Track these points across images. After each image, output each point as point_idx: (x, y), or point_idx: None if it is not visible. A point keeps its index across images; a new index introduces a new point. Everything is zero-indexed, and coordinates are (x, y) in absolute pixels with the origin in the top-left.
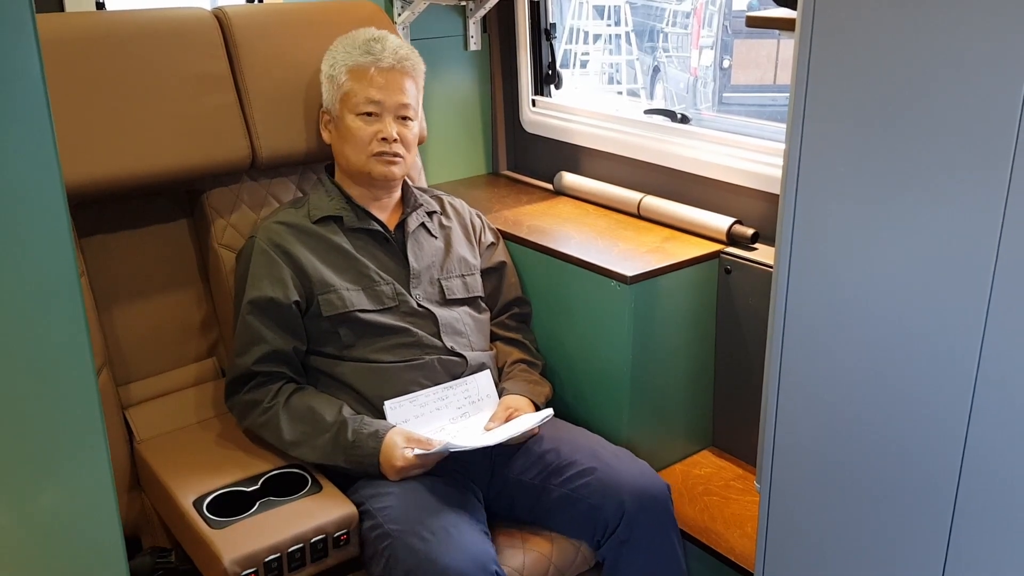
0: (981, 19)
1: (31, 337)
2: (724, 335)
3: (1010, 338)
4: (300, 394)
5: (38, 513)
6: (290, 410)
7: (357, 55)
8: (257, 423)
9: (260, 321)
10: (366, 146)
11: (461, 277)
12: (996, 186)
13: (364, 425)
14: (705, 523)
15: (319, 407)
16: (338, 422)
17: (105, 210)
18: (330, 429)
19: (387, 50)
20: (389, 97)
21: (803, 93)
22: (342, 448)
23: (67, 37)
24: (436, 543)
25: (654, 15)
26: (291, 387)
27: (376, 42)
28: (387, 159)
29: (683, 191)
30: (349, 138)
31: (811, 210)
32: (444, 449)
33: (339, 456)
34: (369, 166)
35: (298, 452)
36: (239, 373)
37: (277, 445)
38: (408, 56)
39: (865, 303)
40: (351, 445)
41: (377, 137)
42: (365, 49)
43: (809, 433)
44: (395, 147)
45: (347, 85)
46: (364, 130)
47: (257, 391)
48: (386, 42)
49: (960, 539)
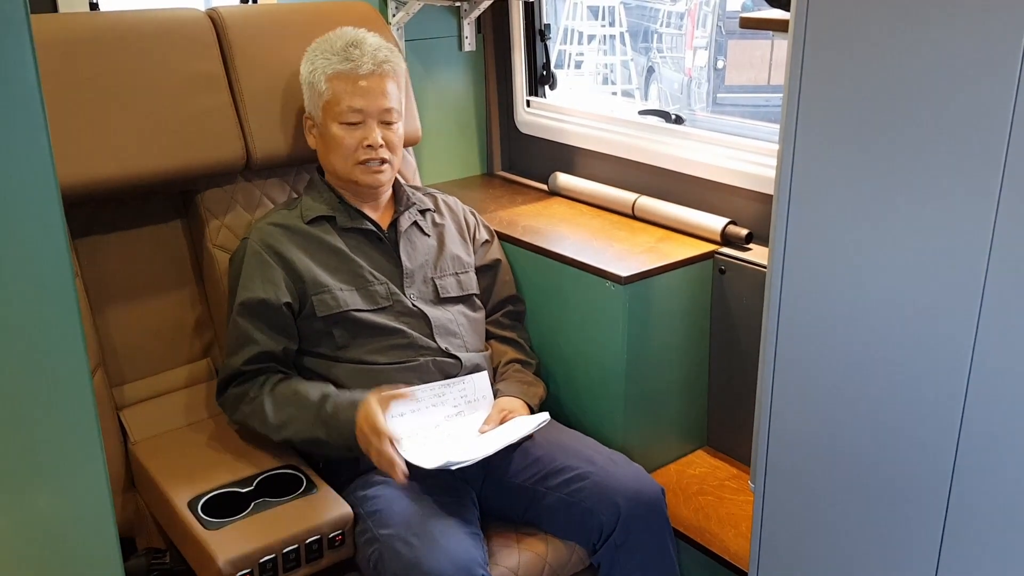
0: (973, 21)
1: (25, 338)
2: (718, 335)
3: (1003, 337)
4: (286, 381)
5: (33, 515)
6: (275, 395)
7: (336, 62)
8: (244, 413)
9: (250, 322)
10: (352, 154)
11: (455, 275)
12: (988, 186)
13: (344, 396)
14: (700, 523)
15: (303, 389)
16: (321, 397)
17: (99, 211)
18: (313, 407)
19: (366, 55)
20: (372, 103)
21: (796, 94)
22: (322, 421)
23: (61, 38)
24: (422, 548)
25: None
26: (277, 376)
27: (355, 47)
28: (374, 168)
29: (677, 191)
30: (334, 147)
31: (805, 210)
32: (445, 466)
33: (320, 430)
34: (355, 175)
35: (283, 434)
36: (229, 373)
37: (264, 431)
38: (388, 58)
39: (858, 303)
40: (330, 417)
41: (362, 144)
42: (344, 56)
43: (803, 433)
44: (381, 152)
45: (328, 94)
46: (348, 138)
47: (244, 384)
48: (364, 46)
49: (953, 538)
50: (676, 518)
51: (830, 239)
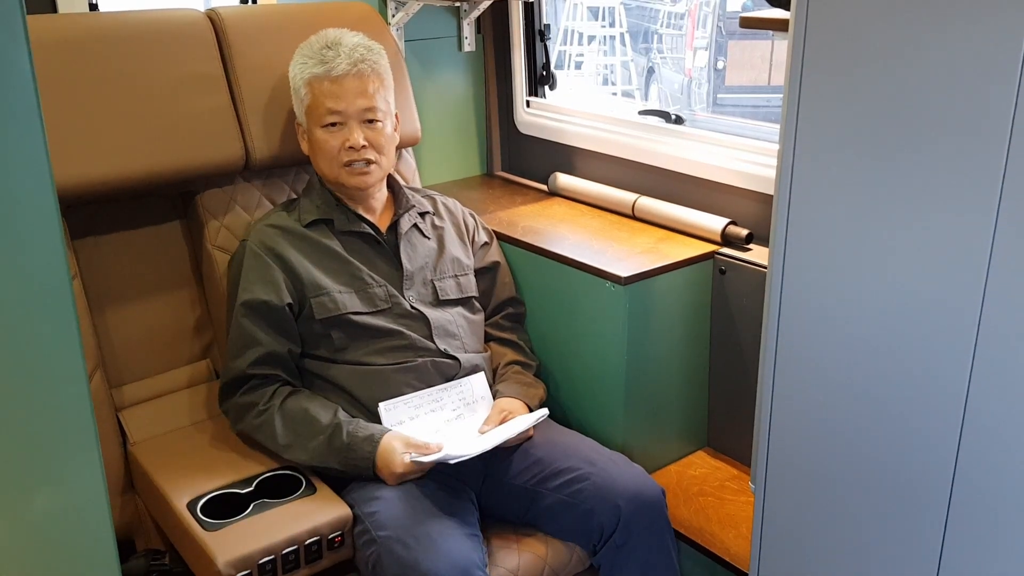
0: (974, 20)
1: (22, 340)
2: (719, 335)
3: (1003, 337)
4: (295, 397)
5: (31, 516)
6: (284, 413)
7: (311, 65)
8: (252, 425)
9: (254, 323)
10: (336, 156)
11: (454, 277)
12: (989, 187)
13: (359, 428)
14: (700, 524)
15: (313, 410)
16: (332, 425)
17: (98, 212)
18: (324, 432)
19: (340, 56)
20: (350, 104)
21: (797, 94)
22: (336, 451)
23: (61, 38)
24: (420, 550)
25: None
26: (286, 390)
27: (329, 49)
28: (359, 170)
29: (678, 192)
30: (318, 151)
31: (805, 210)
32: (443, 459)
33: (333, 459)
34: (341, 177)
35: (291, 455)
36: (234, 376)
37: (271, 448)
38: (364, 57)
39: (859, 303)
40: (345, 447)
41: (344, 146)
42: (319, 59)
43: (803, 433)
44: (364, 153)
45: (308, 98)
46: (330, 141)
47: (252, 394)
48: (340, 47)
49: (955, 538)
50: (676, 519)
51: (830, 239)
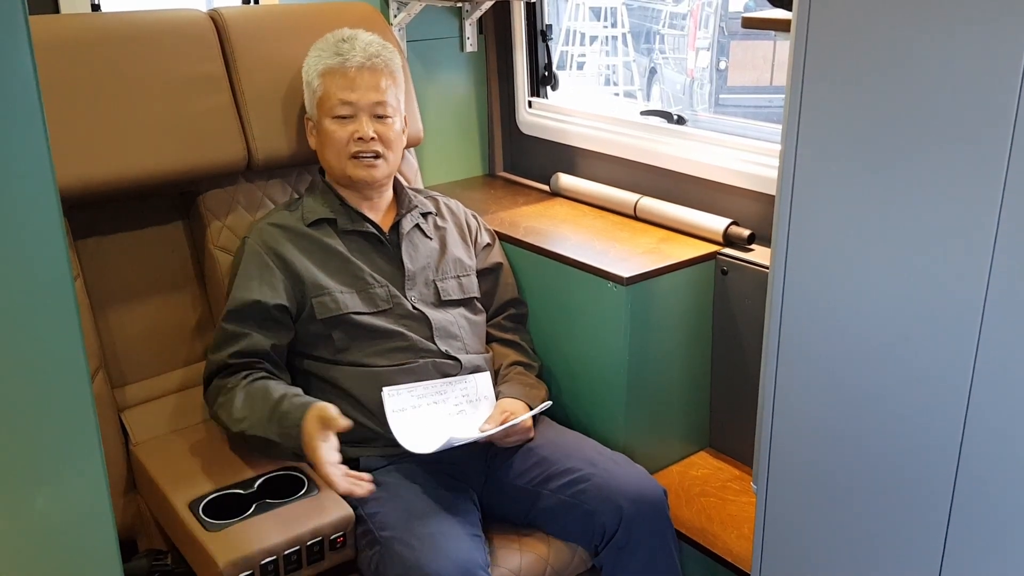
0: (976, 19)
1: (25, 340)
2: (720, 336)
3: (1006, 339)
4: (266, 380)
5: (33, 517)
6: (248, 390)
7: (326, 58)
8: (218, 404)
9: (238, 325)
10: (344, 148)
11: (456, 278)
12: (992, 187)
13: (302, 398)
14: (702, 524)
15: (273, 386)
16: (282, 395)
17: (100, 212)
18: (272, 402)
19: (356, 49)
20: (362, 96)
21: (799, 94)
22: (276, 419)
23: (63, 38)
24: (423, 550)
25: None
26: (261, 373)
27: (345, 42)
28: (366, 161)
29: (679, 192)
30: (327, 142)
31: (807, 211)
32: (447, 445)
33: (272, 428)
34: (349, 169)
35: (241, 428)
36: (216, 366)
37: (228, 424)
38: (379, 53)
39: (861, 303)
40: (283, 416)
41: (353, 137)
42: (335, 51)
43: (805, 434)
44: (373, 146)
45: (320, 89)
46: (340, 132)
47: (226, 378)
48: (356, 41)
49: (957, 538)
50: (678, 519)
51: (832, 239)
